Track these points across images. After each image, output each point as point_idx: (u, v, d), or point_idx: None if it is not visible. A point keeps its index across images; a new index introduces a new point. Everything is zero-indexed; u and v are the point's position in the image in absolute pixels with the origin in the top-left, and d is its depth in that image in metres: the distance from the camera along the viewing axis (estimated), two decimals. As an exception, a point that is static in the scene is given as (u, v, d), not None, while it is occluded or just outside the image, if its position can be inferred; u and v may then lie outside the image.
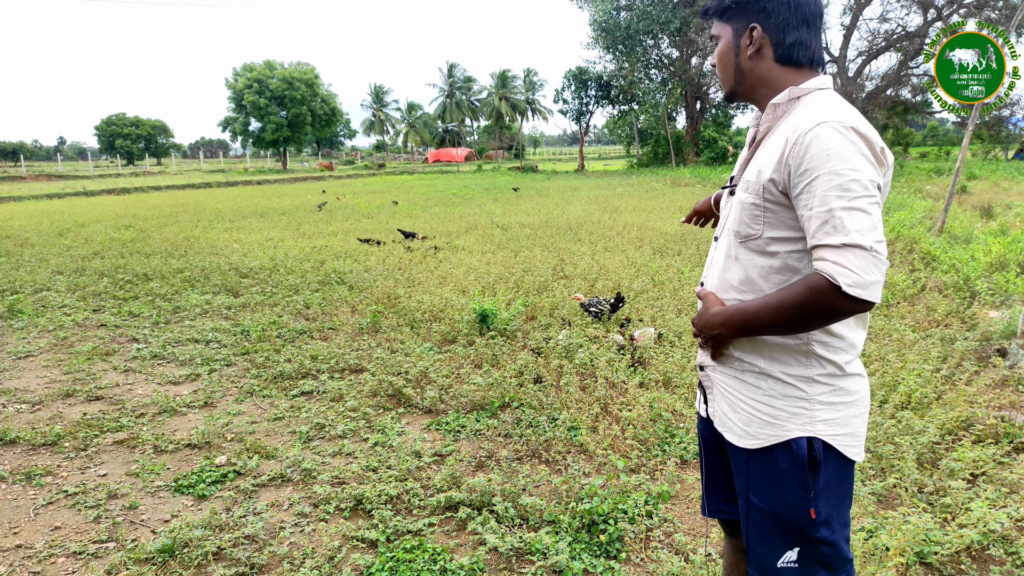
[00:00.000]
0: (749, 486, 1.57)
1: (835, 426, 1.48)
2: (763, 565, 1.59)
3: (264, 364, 5.11)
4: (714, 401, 1.66)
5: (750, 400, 1.53)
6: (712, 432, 1.72)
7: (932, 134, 60.77)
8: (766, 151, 1.48)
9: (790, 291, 1.37)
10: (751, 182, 1.48)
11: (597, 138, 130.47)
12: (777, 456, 1.50)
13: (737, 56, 1.54)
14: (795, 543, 1.53)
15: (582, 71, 39.60)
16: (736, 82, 1.56)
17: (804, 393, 1.47)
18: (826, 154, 1.33)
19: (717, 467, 1.78)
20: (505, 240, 10.46)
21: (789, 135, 1.40)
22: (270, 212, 16.37)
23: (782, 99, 1.49)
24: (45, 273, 8.67)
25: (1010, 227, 9.87)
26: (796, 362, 1.47)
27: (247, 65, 49.85)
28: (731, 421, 1.59)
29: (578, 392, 4.18)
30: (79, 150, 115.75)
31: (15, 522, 3.04)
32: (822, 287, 1.30)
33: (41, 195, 24.67)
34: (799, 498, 1.49)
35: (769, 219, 1.45)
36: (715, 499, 1.82)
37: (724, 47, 1.55)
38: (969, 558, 2.58)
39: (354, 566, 2.65)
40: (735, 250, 1.53)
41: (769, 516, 1.54)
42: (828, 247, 1.30)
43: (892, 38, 31.01)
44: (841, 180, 1.31)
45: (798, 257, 1.44)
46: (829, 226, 1.31)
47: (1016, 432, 3.48)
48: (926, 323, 5.51)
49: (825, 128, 1.35)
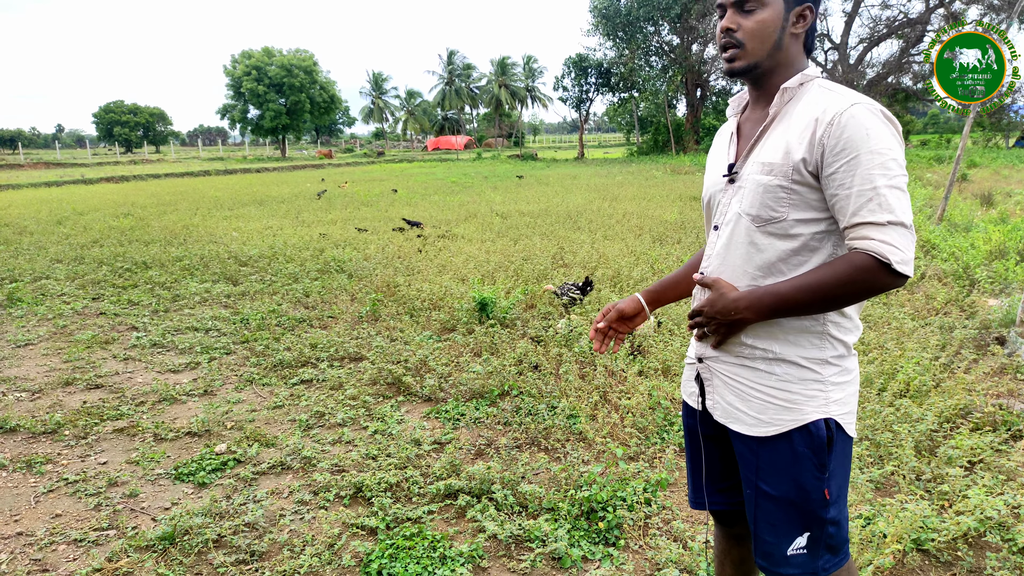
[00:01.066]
0: (759, 474, 1.56)
1: (843, 405, 1.51)
2: (771, 554, 1.58)
3: (264, 352, 5.11)
4: (715, 393, 1.64)
5: (762, 387, 1.52)
6: (709, 425, 1.70)
7: (933, 122, 60.56)
8: (786, 133, 1.46)
9: (831, 270, 1.37)
10: (776, 164, 1.45)
11: (597, 126, 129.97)
12: (793, 440, 1.50)
13: (783, 30, 1.48)
14: (806, 528, 1.53)
15: (582, 58, 39.38)
16: (769, 55, 1.49)
17: (819, 375, 1.49)
18: (865, 134, 1.34)
19: (713, 459, 1.76)
20: (504, 228, 10.44)
21: (819, 115, 1.40)
22: (269, 200, 16.33)
23: (794, 84, 1.49)
24: (44, 261, 8.66)
25: (1010, 215, 9.85)
26: (812, 345, 1.48)
27: (245, 52, 49.56)
28: (739, 411, 1.57)
29: (577, 380, 4.19)
30: (77, 138, 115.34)
31: (16, 510, 3.05)
32: (868, 265, 1.32)
33: (39, 183, 24.58)
34: (814, 480, 1.50)
35: (795, 201, 1.44)
36: (709, 491, 1.80)
37: (772, 15, 1.47)
38: (966, 545, 2.60)
39: (354, 553, 2.66)
40: (750, 235, 1.50)
41: (782, 503, 1.53)
42: (873, 225, 1.32)
43: (894, 25, 30.82)
44: (882, 159, 1.34)
45: (820, 238, 1.45)
46: (874, 204, 1.32)
47: (1014, 420, 3.49)
48: (925, 311, 5.51)
49: (861, 109, 1.36)
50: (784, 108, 1.50)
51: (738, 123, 1.64)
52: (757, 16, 1.47)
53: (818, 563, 1.56)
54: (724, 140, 1.68)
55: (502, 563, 2.63)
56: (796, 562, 1.56)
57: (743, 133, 1.62)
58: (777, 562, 1.58)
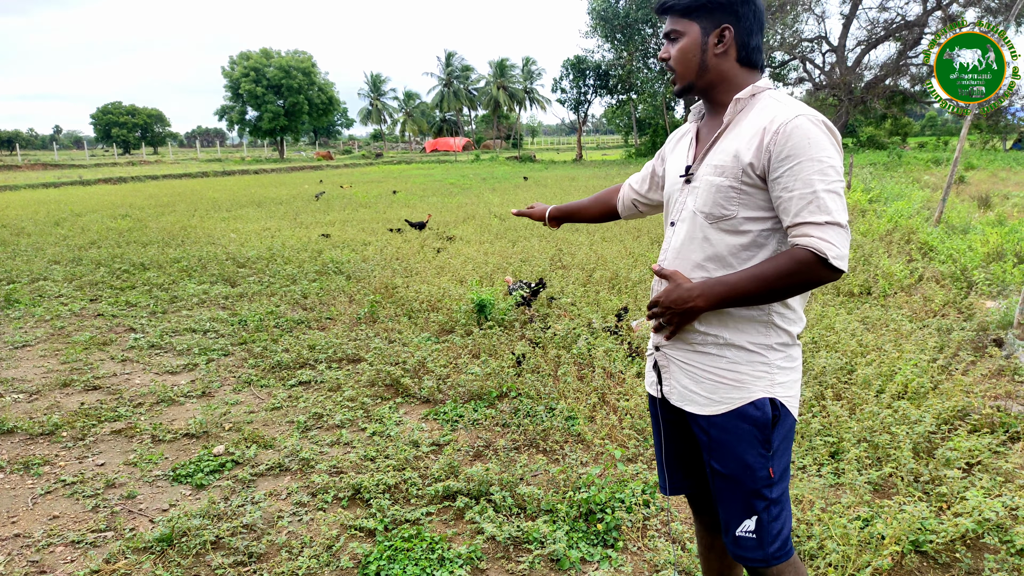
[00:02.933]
0: (711, 454, 1.67)
1: (787, 388, 1.64)
2: (728, 532, 1.70)
3: (262, 354, 5.10)
4: (671, 379, 1.75)
5: (714, 369, 1.64)
6: (669, 410, 1.80)
7: (930, 124, 60.74)
8: (737, 140, 1.59)
9: (774, 263, 1.51)
10: (727, 167, 1.59)
11: (595, 127, 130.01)
12: (742, 418, 1.62)
13: (704, 53, 1.63)
14: (752, 509, 1.64)
15: (580, 60, 39.46)
16: (697, 77, 1.65)
17: (766, 359, 1.62)
18: (807, 142, 1.48)
19: (679, 443, 1.86)
20: (503, 230, 10.44)
21: (767, 124, 1.53)
22: (267, 201, 16.32)
23: (745, 95, 1.61)
24: (41, 262, 8.64)
25: (1007, 217, 9.87)
26: (758, 332, 1.61)
27: (244, 53, 49.59)
28: (694, 393, 1.69)
29: (576, 382, 4.19)
30: (75, 139, 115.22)
31: (13, 511, 3.04)
32: (808, 259, 1.46)
33: (37, 184, 24.55)
34: (759, 457, 1.62)
35: (744, 200, 1.58)
36: (675, 476, 1.90)
37: (689, 43, 1.63)
38: (964, 546, 2.60)
39: (352, 555, 2.66)
40: (703, 231, 1.64)
41: (730, 480, 1.65)
42: (813, 224, 1.46)
43: (891, 27, 30.88)
44: (821, 166, 1.47)
45: (767, 235, 1.59)
46: (813, 206, 1.46)
47: (1012, 422, 3.50)
48: (923, 313, 5.52)
49: (804, 120, 1.50)
50: (736, 117, 1.63)
51: (697, 128, 1.78)
52: (678, 45, 1.66)
53: (768, 549, 1.66)
54: (684, 143, 1.81)
55: (500, 565, 2.63)
56: (747, 545, 1.67)
57: (700, 138, 1.75)
58: (730, 541, 1.70)
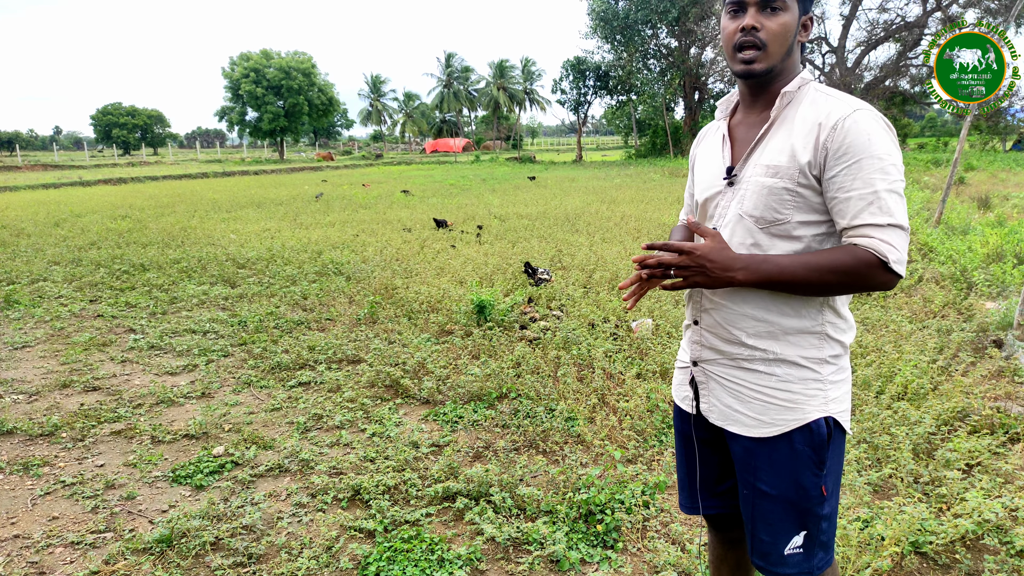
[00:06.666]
0: (757, 474, 1.57)
1: (840, 403, 1.55)
2: (769, 553, 1.60)
3: (261, 355, 5.10)
4: (710, 396, 1.64)
5: (763, 388, 1.54)
6: (704, 429, 1.71)
7: (930, 125, 60.71)
8: (790, 137, 1.47)
9: (831, 255, 1.40)
10: (782, 167, 1.47)
11: (595, 128, 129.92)
12: (794, 440, 1.52)
13: (795, 35, 1.51)
14: (803, 526, 1.56)
15: (580, 61, 39.43)
16: (783, 59, 1.50)
17: (819, 375, 1.52)
18: (868, 139, 1.38)
19: (709, 463, 1.76)
20: (503, 231, 10.44)
21: (822, 120, 1.43)
22: (267, 202, 16.32)
23: (793, 88, 1.51)
24: (41, 263, 8.64)
25: (1007, 218, 9.87)
26: (811, 345, 1.51)
27: (244, 54, 49.62)
28: (739, 413, 1.58)
29: (575, 383, 4.19)
30: (75, 140, 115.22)
31: (13, 512, 3.04)
32: (868, 259, 1.36)
33: (37, 185, 24.54)
34: (812, 477, 1.53)
35: (799, 203, 1.46)
36: (704, 495, 1.79)
37: (791, 20, 1.48)
38: (964, 547, 2.60)
39: (352, 556, 2.66)
40: (753, 235, 1.51)
41: (780, 502, 1.56)
42: (874, 226, 1.37)
43: (891, 28, 30.87)
44: (883, 164, 1.38)
45: (820, 240, 1.48)
46: (875, 207, 1.37)
47: (1011, 423, 3.50)
48: (923, 314, 5.52)
49: (863, 115, 1.40)
50: (783, 112, 1.52)
51: (728, 125, 1.64)
52: (780, 18, 1.47)
53: (813, 562, 1.59)
54: (715, 142, 1.68)
55: (500, 566, 2.63)
56: (793, 561, 1.59)
57: (736, 136, 1.61)
58: (774, 562, 1.60)
